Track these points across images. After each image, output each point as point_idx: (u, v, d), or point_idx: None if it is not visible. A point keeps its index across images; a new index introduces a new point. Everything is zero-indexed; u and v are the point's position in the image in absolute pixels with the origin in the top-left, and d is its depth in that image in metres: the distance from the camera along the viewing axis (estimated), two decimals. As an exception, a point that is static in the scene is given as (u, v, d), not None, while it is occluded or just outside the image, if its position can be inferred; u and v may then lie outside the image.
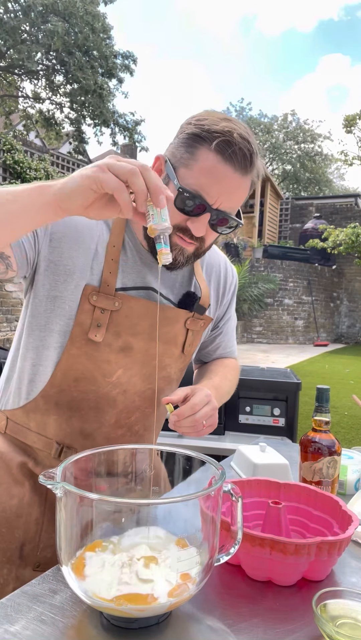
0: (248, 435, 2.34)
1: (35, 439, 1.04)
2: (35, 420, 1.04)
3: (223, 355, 1.29)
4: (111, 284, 0.97)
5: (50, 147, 14.94)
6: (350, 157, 15.16)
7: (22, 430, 1.05)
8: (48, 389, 1.01)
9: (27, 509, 1.02)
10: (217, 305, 1.19)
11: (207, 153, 0.87)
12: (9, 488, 1.03)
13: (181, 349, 1.08)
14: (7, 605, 0.68)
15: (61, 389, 1.00)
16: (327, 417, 1.05)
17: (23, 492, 1.03)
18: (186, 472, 0.80)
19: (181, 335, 1.07)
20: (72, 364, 0.99)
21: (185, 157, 0.89)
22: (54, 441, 1.03)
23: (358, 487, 1.13)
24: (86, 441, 1.03)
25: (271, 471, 1.18)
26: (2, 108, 13.85)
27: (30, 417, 1.04)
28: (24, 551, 1.01)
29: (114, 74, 13.19)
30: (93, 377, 1.00)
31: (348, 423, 5.06)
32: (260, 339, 11.72)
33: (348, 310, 13.98)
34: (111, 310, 0.97)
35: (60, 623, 0.65)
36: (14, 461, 1.05)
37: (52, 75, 13.02)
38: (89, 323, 0.97)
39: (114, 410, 1.03)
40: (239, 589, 0.76)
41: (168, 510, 0.73)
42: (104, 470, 0.79)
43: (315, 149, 26.33)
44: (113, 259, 0.98)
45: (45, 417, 1.03)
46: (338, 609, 0.66)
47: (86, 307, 0.96)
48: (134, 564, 0.65)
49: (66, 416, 1.02)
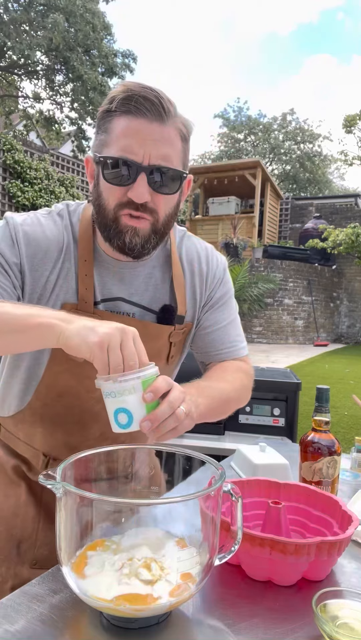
0: (248, 435, 2.34)
1: (24, 449, 1.06)
2: (23, 431, 1.05)
3: (223, 353, 1.11)
4: (88, 301, 0.94)
5: (50, 147, 14.94)
6: (349, 157, 15.16)
7: (13, 438, 1.07)
8: (34, 402, 1.00)
9: (23, 508, 1.03)
10: (196, 305, 1.07)
11: (117, 120, 0.84)
12: (5, 488, 1.04)
13: (165, 360, 1.04)
14: (7, 605, 0.68)
15: (45, 403, 0.99)
16: (327, 417, 1.05)
17: (19, 492, 1.04)
18: (186, 472, 0.80)
19: (165, 349, 1.03)
20: (55, 380, 0.97)
21: (103, 137, 0.87)
22: (40, 452, 1.04)
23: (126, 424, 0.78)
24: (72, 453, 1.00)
25: (271, 471, 1.18)
26: (2, 108, 13.85)
27: (19, 428, 1.05)
28: (21, 549, 1.02)
29: (115, 72, 13.20)
30: (77, 392, 0.98)
31: (348, 423, 5.06)
32: (260, 339, 11.71)
33: (348, 310, 13.97)
34: None
35: (60, 623, 0.65)
36: (9, 463, 1.07)
37: (52, 74, 13.02)
38: None
39: (98, 424, 1.00)
40: (239, 589, 0.76)
41: (168, 510, 0.73)
42: (104, 470, 0.79)
43: (314, 149, 26.32)
44: (87, 274, 0.94)
45: (32, 429, 1.03)
46: (338, 609, 0.66)
47: None
48: (134, 564, 0.65)
49: (50, 429, 1.01)
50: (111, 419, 0.75)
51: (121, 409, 0.73)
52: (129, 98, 0.83)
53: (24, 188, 10.02)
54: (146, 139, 0.83)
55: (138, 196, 0.84)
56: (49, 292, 0.93)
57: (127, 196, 0.86)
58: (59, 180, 11.05)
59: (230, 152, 25.60)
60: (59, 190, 10.85)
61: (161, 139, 0.84)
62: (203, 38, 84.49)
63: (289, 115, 26.54)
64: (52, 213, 0.97)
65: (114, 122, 0.85)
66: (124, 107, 0.83)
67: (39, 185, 10.38)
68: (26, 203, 9.98)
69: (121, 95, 0.83)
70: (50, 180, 10.72)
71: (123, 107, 0.83)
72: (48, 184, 10.61)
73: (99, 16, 12.32)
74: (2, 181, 9.85)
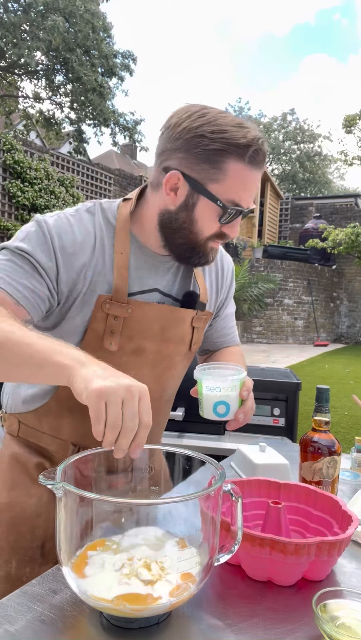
0: (248, 435, 2.34)
1: (49, 442, 1.06)
2: (48, 424, 1.05)
3: (226, 342, 1.30)
4: (123, 292, 0.97)
5: (50, 147, 14.94)
6: (349, 157, 15.16)
7: (36, 433, 1.07)
8: (61, 393, 1.01)
9: (46, 508, 1.03)
10: (216, 297, 1.19)
11: (235, 164, 0.88)
12: (27, 488, 1.04)
13: (188, 347, 1.10)
14: (7, 605, 0.68)
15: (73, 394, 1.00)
16: (327, 417, 1.05)
17: (41, 491, 1.04)
18: (186, 472, 0.80)
19: (188, 334, 1.09)
20: None
21: (212, 172, 0.89)
22: (69, 442, 1.04)
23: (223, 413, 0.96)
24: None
25: (271, 471, 1.18)
26: (2, 108, 13.85)
27: (42, 421, 1.05)
28: (45, 549, 1.03)
29: (115, 73, 13.19)
30: None
31: (348, 423, 5.06)
32: (260, 339, 11.71)
33: (348, 310, 13.97)
34: (124, 317, 0.98)
35: (60, 623, 0.65)
36: (31, 462, 1.06)
37: (52, 75, 13.01)
38: (102, 330, 0.97)
39: None
40: (239, 589, 0.76)
41: (168, 510, 0.73)
42: (104, 470, 0.79)
43: (314, 149, 26.30)
44: (123, 265, 0.98)
45: (59, 420, 1.04)
46: (338, 609, 0.66)
47: (99, 315, 0.97)
48: (134, 564, 0.65)
49: (79, 418, 1.01)
50: (209, 408, 0.90)
51: (222, 402, 0.90)
52: (255, 152, 0.88)
53: (24, 188, 10.01)
54: (252, 188, 0.93)
55: (233, 233, 0.96)
56: (86, 288, 0.96)
57: (221, 230, 0.95)
58: (59, 180, 11.04)
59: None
60: (59, 190, 10.85)
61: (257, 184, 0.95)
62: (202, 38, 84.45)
63: (289, 115, 26.54)
64: (79, 211, 1.00)
65: (232, 165, 0.88)
66: (248, 159, 0.88)
67: (39, 185, 10.38)
68: (26, 203, 9.98)
69: (242, 142, 0.87)
70: (50, 180, 10.71)
71: (242, 154, 0.88)
72: (48, 184, 10.61)
73: (99, 17, 12.31)
74: (2, 181, 9.84)
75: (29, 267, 0.91)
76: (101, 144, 26.43)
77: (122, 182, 13.88)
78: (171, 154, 0.92)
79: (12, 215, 9.99)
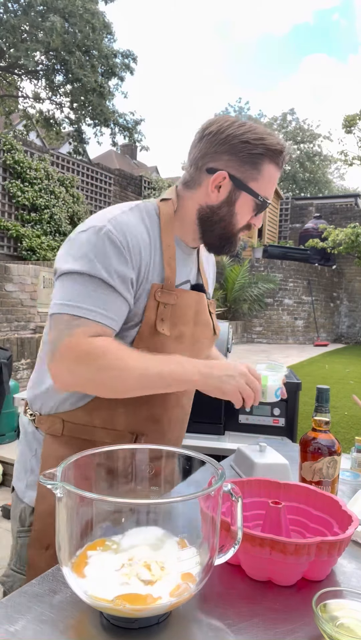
0: (248, 435, 2.34)
1: (104, 434, 1.08)
2: (100, 417, 1.07)
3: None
4: (172, 281, 1.07)
5: (50, 147, 14.93)
6: (349, 157, 15.14)
7: (86, 428, 1.08)
8: None
9: None
10: (212, 287, 1.33)
11: (268, 166, 1.06)
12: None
13: (213, 331, 1.22)
14: (7, 605, 0.68)
15: None
16: (327, 417, 1.05)
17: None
18: (186, 472, 0.80)
19: (209, 319, 1.21)
20: None
21: (253, 172, 1.06)
22: (126, 432, 1.08)
23: (278, 395, 1.14)
24: (156, 425, 1.13)
25: (271, 471, 1.18)
26: (2, 108, 13.84)
27: (94, 415, 1.07)
28: None
29: (115, 73, 13.17)
30: None
31: (348, 423, 5.06)
32: (260, 339, 11.71)
33: (348, 310, 13.97)
34: (171, 304, 1.07)
35: (60, 623, 0.65)
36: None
37: (52, 75, 13.00)
38: (154, 318, 1.04)
39: (173, 393, 1.12)
40: (239, 589, 0.76)
41: (168, 510, 0.73)
42: (104, 470, 0.79)
43: (314, 149, 26.30)
44: (171, 257, 1.08)
45: (112, 412, 1.07)
46: (338, 609, 0.66)
47: (152, 304, 1.04)
48: (134, 564, 0.65)
49: (134, 407, 1.07)
50: (271, 394, 1.11)
51: (278, 388, 1.13)
52: (283, 157, 1.08)
53: (24, 188, 10.01)
54: (275, 186, 1.12)
55: (259, 224, 1.13)
56: (144, 279, 1.05)
57: (249, 221, 1.11)
58: (59, 180, 11.03)
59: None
60: (59, 190, 10.84)
61: None
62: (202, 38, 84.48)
63: (289, 115, 26.54)
64: (133, 210, 1.07)
65: (265, 166, 1.06)
66: (278, 161, 1.07)
67: (39, 185, 10.37)
68: (26, 203, 9.97)
69: (278, 147, 1.06)
70: (50, 180, 10.70)
71: (278, 161, 1.07)
72: (48, 184, 10.60)
73: (98, 17, 12.29)
74: (2, 181, 9.83)
75: (111, 291, 0.97)
76: (100, 144, 26.47)
77: (122, 182, 13.88)
78: (216, 156, 1.05)
79: (12, 215, 9.98)
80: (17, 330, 5.99)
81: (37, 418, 1.11)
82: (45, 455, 1.09)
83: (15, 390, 4.03)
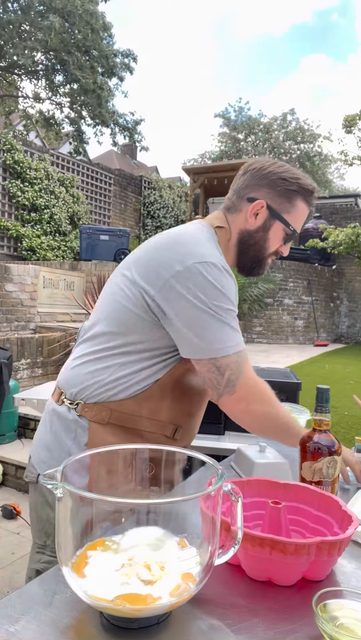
0: (248, 435, 2.34)
1: (148, 424, 1.16)
2: (148, 408, 1.15)
3: None
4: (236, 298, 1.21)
5: (50, 147, 14.93)
6: (349, 157, 15.13)
7: (132, 418, 1.15)
8: (166, 378, 1.15)
9: None
10: None
11: (301, 202, 1.24)
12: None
13: None
14: (7, 605, 0.68)
15: (176, 378, 1.16)
16: (327, 417, 1.05)
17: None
18: (186, 472, 0.80)
19: None
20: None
21: (287, 206, 1.23)
22: (168, 423, 1.19)
23: None
24: (190, 420, 1.25)
25: (271, 471, 1.19)
26: (2, 108, 13.83)
27: (142, 406, 1.15)
28: None
29: (115, 73, 13.15)
30: None
31: (348, 423, 5.06)
32: (260, 339, 11.71)
33: (348, 310, 13.96)
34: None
35: (60, 623, 0.65)
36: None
37: (52, 75, 12.99)
38: None
39: (205, 394, 1.25)
40: (239, 589, 0.76)
41: (168, 510, 0.73)
42: (104, 470, 0.79)
43: (314, 149, 26.27)
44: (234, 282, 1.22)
45: (159, 403, 1.16)
46: (338, 609, 0.66)
47: None
48: (135, 564, 0.65)
49: (178, 401, 1.19)
50: None
51: None
52: (311, 193, 1.24)
53: (24, 188, 10.01)
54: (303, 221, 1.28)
55: (286, 252, 1.30)
56: None
57: (278, 249, 1.28)
58: (59, 180, 11.04)
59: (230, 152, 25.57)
60: (59, 190, 10.85)
61: None
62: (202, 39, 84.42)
63: (289, 115, 26.52)
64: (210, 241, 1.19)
65: (298, 202, 1.23)
66: (310, 200, 1.25)
67: (39, 185, 10.38)
68: (26, 203, 9.98)
69: (310, 188, 1.23)
70: (50, 180, 10.71)
71: (307, 196, 1.24)
72: (48, 184, 10.61)
73: (98, 16, 12.27)
74: (2, 181, 9.84)
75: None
76: (101, 144, 26.42)
77: (122, 182, 13.88)
78: (257, 188, 1.23)
79: (12, 215, 9.99)
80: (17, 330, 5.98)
81: (81, 406, 1.15)
82: (92, 443, 1.14)
83: (15, 390, 4.02)
